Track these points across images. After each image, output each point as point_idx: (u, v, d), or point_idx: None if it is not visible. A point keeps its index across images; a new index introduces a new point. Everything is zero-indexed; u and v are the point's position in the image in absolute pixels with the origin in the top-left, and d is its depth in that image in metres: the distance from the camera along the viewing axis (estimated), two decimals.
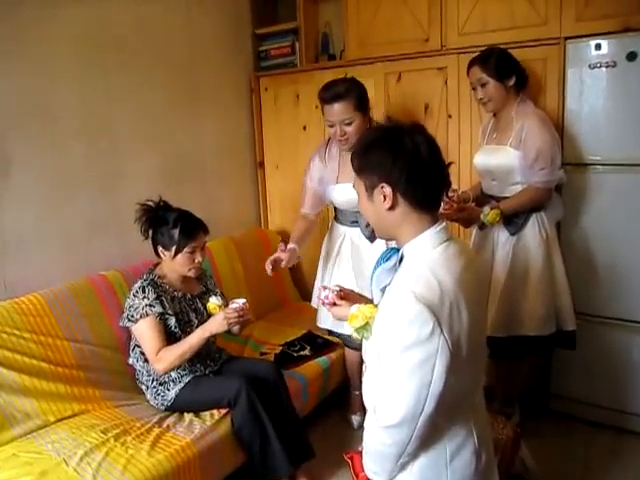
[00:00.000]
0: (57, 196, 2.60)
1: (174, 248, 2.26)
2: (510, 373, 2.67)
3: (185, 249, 2.27)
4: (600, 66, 2.41)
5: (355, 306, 1.44)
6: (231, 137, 3.54)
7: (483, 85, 2.37)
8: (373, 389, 1.30)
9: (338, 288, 1.63)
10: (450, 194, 2.35)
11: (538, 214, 2.42)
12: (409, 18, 2.87)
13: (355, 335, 1.43)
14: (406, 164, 1.22)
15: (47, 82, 2.52)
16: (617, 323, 2.59)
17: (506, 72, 2.34)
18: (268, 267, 2.40)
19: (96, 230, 2.76)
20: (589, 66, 2.44)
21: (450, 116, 2.85)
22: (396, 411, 1.18)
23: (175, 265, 2.31)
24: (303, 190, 2.67)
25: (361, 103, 2.38)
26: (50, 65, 2.52)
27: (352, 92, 2.35)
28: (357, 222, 2.56)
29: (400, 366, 1.16)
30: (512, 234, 2.43)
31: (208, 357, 2.43)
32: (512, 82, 2.36)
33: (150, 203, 2.33)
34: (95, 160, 2.74)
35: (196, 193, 3.26)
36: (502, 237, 2.47)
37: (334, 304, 1.62)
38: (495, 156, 2.45)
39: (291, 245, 2.51)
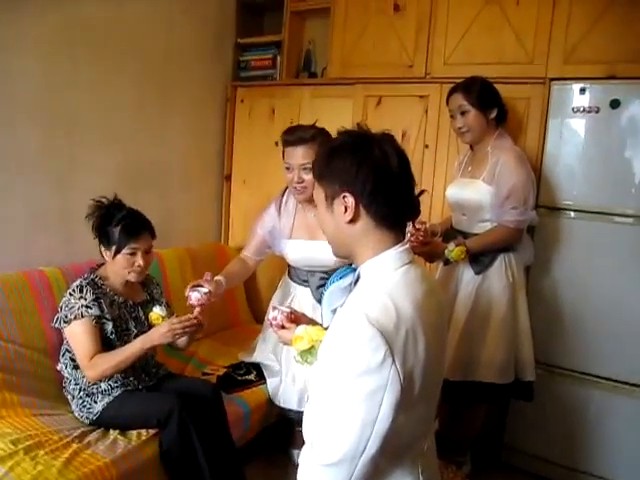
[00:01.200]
0: (1, 181, 2.41)
1: (114, 248, 2.10)
2: (463, 419, 2.53)
3: (124, 250, 2.10)
4: (583, 111, 2.37)
5: (302, 327, 1.30)
6: (200, 145, 3.40)
7: (463, 113, 2.29)
8: (314, 421, 1.15)
9: (289, 310, 1.50)
10: (418, 226, 2.25)
11: (506, 255, 2.32)
12: (395, 42, 2.81)
13: (298, 359, 1.29)
14: (372, 174, 1.11)
15: (8, 57, 2.36)
16: (578, 376, 2.49)
17: (488, 103, 2.27)
18: (187, 293, 2.15)
19: (41, 222, 2.58)
20: (572, 110, 2.39)
21: (427, 146, 2.77)
22: (335, 448, 1.04)
23: (115, 267, 2.14)
24: (251, 234, 2.49)
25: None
26: (14, 41, 2.37)
27: (317, 139, 2.18)
28: (308, 282, 2.40)
29: (343, 397, 1.02)
30: (477, 273, 2.33)
31: (144, 371, 2.25)
32: (493, 115, 2.29)
33: (104, 200, 2.17)
34: (49, 148, 2.58)
35: (156, 198, 3.11)
36: (466, 276, 2.36)
37: (282, 327, 1.49)
38: (467, 190, 2.36)
39: (219, 277, 2.28)
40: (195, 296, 2.10)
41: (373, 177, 1.11)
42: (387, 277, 1.13)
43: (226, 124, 3.49)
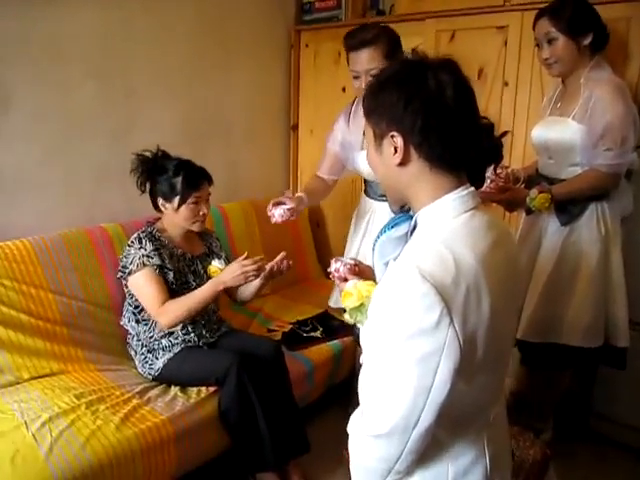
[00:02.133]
0: (62, 138, 2.42)
1: (177, 199, 2.07)
2: (546, 384, 2.31)
3: (189, 200, 2.07)
4: None
5: (351, 281, 1.16)
6: (264, 95, 3.27)
7: (550, 41, 1.97)
8: (366, 385, 1.02)
9: (353, 262, 1.37)
10: (498, 171, 2.01)
11: (599, 204, 2.02)
12: None
13: (347, 318, 1.16)
14: (422, 108, 0.94)
15: (59, 11, 2.30)
16: None
17: (582, 27, 1.94)
18: (270, 211, 2.12)
19: (102, 180, 2.57)
20: None
21: (507, 84, 2.47)
22: (385, 418, 0.91)
23: (178, 218, 2.11)
24: (323, 152, 2.36)
25: (392, 52, 2.03)
26: None
27: (381, 38, 2.01)
28: (385, 195, 2.23)
29: (394, 361, 0.89)
30: (563, 224, 2.06)
31: (205, 327, 2.22)
32: (588, 41, 1.95)
33: (147, 153, 2.13)
34: (108, 104, 2.54)
35: (220, 151, 3.04)
36: (552, 226, 2.10)
37: (345, 279, 1.37)
38: (554, 129, 2.07)
39: (300, 194, 2.21)
40: (278, 213, 2.07)
41: (424, 112, 0.94)
42: (446, 225, 0.97)
43: (291, 71, 3.33)
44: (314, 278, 3.25)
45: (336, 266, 1.41)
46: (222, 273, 2.03)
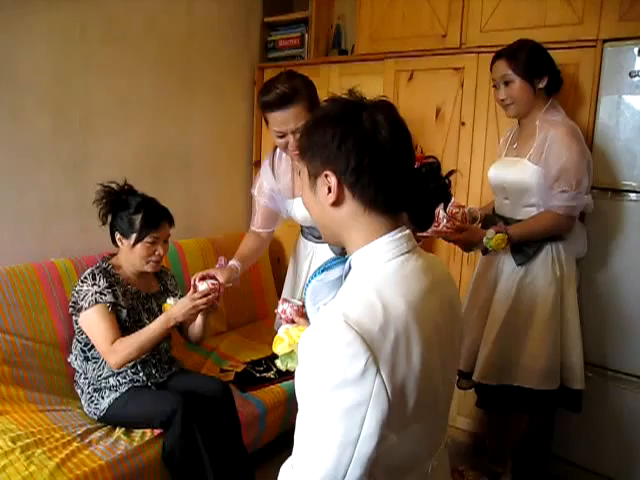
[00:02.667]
0: (12, 169, 2.35)
1: (134, 236, 2.03)
2: (504, 427, 2.28)
3: (146, 238, 2.03)
4: None
5: (283, 327, 1.12)
6: (226, 131, 3.26)
7: (507, 83, 2.01)
8: (296, 436, 0.97)
9: (301, 303, 1.33)
10: (455, 210, 2.01)
11: (554, 245, 2.03)
12: (426, 11, 2.56)
13: (279, 364, 1.11)
14: (356, 148, 0.93)
15: (14, 38, 2.27)
16: (637, 381, 2.18)
17: (537, 71, 1.98)
18: (194, 284, 1.97)
19: (54, 213, 2.51)
20: (629, 74, 2.08)
21: (463, 123, 2.50)
22: (312, 472, 0.86)
23: (133, 256, 2.06)
24: (253, 206, 2.23)
25: (313, 103, 1.84)
26: (24, 25, 2.28)
27: (301, 91, 1.81)
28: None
29: (319, 413, 0.84)
30: (519, 265, 2.05)
31: (155, 366, 2.14)
32: (543, 84, 1.99)
33: (113, 185, 2.08)
34: (63, 136, 2.49)
35: (179, 187, 3.01)
36: (508, 267, 2.09)
37: (292, 321, 1.32)
38: (511, 170, 2.08)
39: (233, 262, 2.06)
40: (202, 289, 1.94)
41: (357, 151, 0.93)
42: (378, 269, 0.94)
43: (254, 108, 3.34)
44: (273, 316, 3.18)
45: (283, 307, 1.37)
46: (172, 309, 1.98)
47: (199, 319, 2.09)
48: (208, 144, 3.15)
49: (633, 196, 2.14)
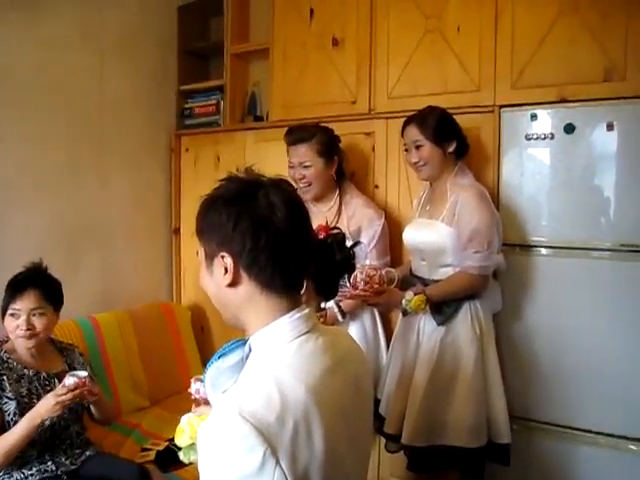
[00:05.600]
0: None
1: (0, 312, 1.94)
2: None
3: (8, 311, 1.92)
4: (537, 138, 2.18)
5: (186, 416, 1.06)
6: (144, 199, 3.21)
7: (418, 147, 2.09)
8: None
9: None
10: (372, 273, 2.02)
11: (472, 303, 2.07)
12: (336, 78, 2.65)
13: (182, 457, 1.05)
14: (251, 229, 0.92)
15: None
16: (558, 430, 2.22)
17: (445, 136, 2.07)
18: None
19: None
20: (526, 137, 2.21)
21: (377, 186, 2.57)
22: None
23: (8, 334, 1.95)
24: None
25: (325, 149, 2.29)
26: None
27: (315, 137, 2.29)
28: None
29: None
30: (439, 324, 2.08)
31: (65, 453, 1.99)
32: (451, 148, 2.08)
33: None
34: None
35: (98, 259, 2.91)
36: (428, 327, 2.11)
37: (205, 402, 1.27)
38: (424, 231, 2.14)
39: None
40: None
41: (252, 233, 0.92)
42: (278, 352, 0.93)
43: (172, 175, 3.32)
44: None
45: (196, 387, 1.32)
46: (36, 406, 1.84)
47: (92, 406, 2.00)
48: (126, 213, 3.08)
49: (542, 251, 2.23)
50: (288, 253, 0.94)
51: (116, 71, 2.97)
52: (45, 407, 1.80)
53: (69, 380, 1.82)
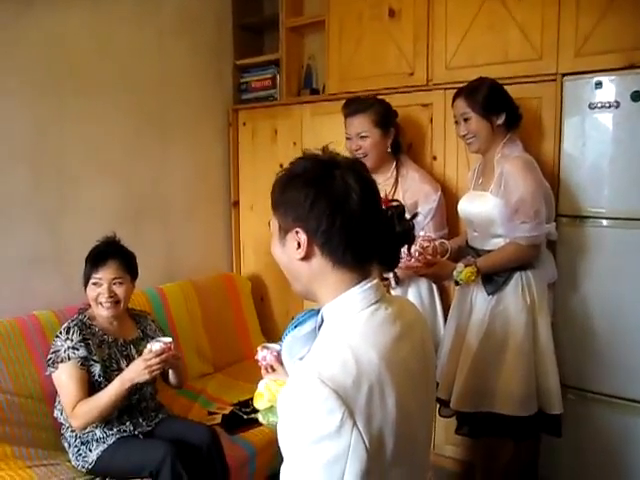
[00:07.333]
0: None
1: (83, 280, 2.04)
2: (489, 453, 2.29)
3: (90, 281, 2.03)
4: (601, 107, 2.13)
5: (264, 381, 1.13)
6: (203, 173, 3.30)
7: (466, 120, 2.09)
8: None
9: (280, 348, 1.34)
10: (425, 244, 2.05)
11: (523, 273, 2.07)
12: (393, 50, 2.64)
13: (261, 419, 1.12)
14: (328, 211, 0.96)
15: None
16: (616, 402, 2.22)
17: (494, 108, 2.05)
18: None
19: (34, 265, 2.50)
20: (589, 106, 2.15)
21: (435, 158, 2.57)
22: None
23: (90, 301, 2.07)
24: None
25: (381, 120, 2.33)
26: None
27: (372, 108, 2.33)
28: None
29: (300, 467, 0.87)
30: (490, 294, 2.09)
31: (142, 414, 2.12)
32: (500, 121, 2.06)
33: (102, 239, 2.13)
34: (41, 188, 2.51)
35: (157, 230, 3.02)
36: (480, 297, 2.13)
37: (272, 368, 1.33)
38: (475, 203, 2.15)
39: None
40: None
41: (328, 214, 0.96)
42: (349, 321, 0.98)
43: (230, 149, 3.39)
44: None
45: (262, 354, 1.37)
46: (127, 370, 1.97)
47: (170, 371, 2.10)
48: (186, 187, 3.18)
49: (602, 222, 2.20)
50: (361, 234, 0.98)
51: (174, 47, 3.04)
52: (135, 371, 1.92)
53: (155, 345, 1.93)
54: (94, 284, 2.03)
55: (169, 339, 1.99)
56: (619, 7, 2.08)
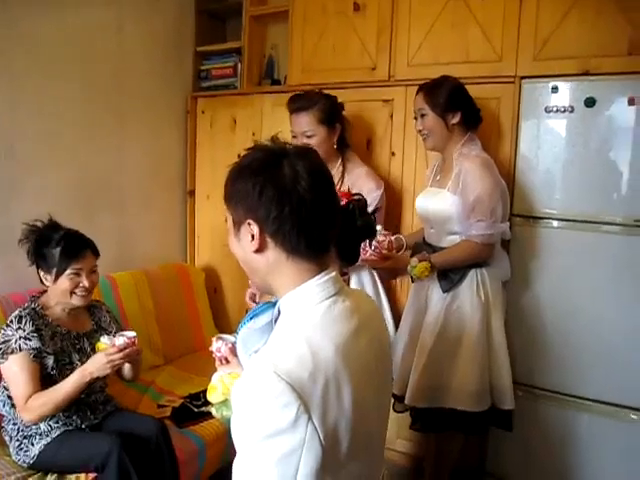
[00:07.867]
0: None
1: (55, 270, 1.95)
2: (439, 448, 2.33)
3: (67, 270, 1.95)
4: (557, 111, 2.19)
5: (217, 374, 1.11)
6: (160, 160, 3.22)
7: (423, 116, 2.12)
8: None
9: (234, 339, 1.31)
10: (381, 238, 2.07)
11: (478, 270, 2.11)
12: (356, 44, 2.64)
13: (214, 412, 1.10)
14: (276, 198, 0.94)
15: None
16: (564, 398, 2.29)
17: (450, 107, 2.08)
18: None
19: None
20: (545, 110, 2.21)
21: (393, 153, 2.59)
22: None
23: (58, 291, 1.98)
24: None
25: (327, 117, 2.28)
26: None
27: (317, 105, 2.27)
28: None
29: (254, 461, 0.86)
30: (445, 291, 2.13)
31: (89, 407, 2.06)
32: (455, 120, 2.09)
33: (38, 223, 2.02)
34: None
35: (113, 219, 2.94)
36: (435, 293, 2.16)
37: (226, 360, 1.30)
38: (433, 200, 2.18)
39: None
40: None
41: (277, 202, 0.94)
42: (306, 314, 0.96)
43: (187, 137, 3.32)
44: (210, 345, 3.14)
45: (217, 345, 1.35)
46: (87, 363, 1.91)
47: (127, 365, 2.04)
48: (141, 174, 3.10)
49: (553, 223, 2.26)
50: (312, 220, 0.96)
51: (133, 31, 2.95)
52: (96, 366, 1.87)
53: (119, 340, 1.89)
54: (74, 274, 1.96)
55: (133, 333, 1.94)
56: (578, 14, 2.14)
